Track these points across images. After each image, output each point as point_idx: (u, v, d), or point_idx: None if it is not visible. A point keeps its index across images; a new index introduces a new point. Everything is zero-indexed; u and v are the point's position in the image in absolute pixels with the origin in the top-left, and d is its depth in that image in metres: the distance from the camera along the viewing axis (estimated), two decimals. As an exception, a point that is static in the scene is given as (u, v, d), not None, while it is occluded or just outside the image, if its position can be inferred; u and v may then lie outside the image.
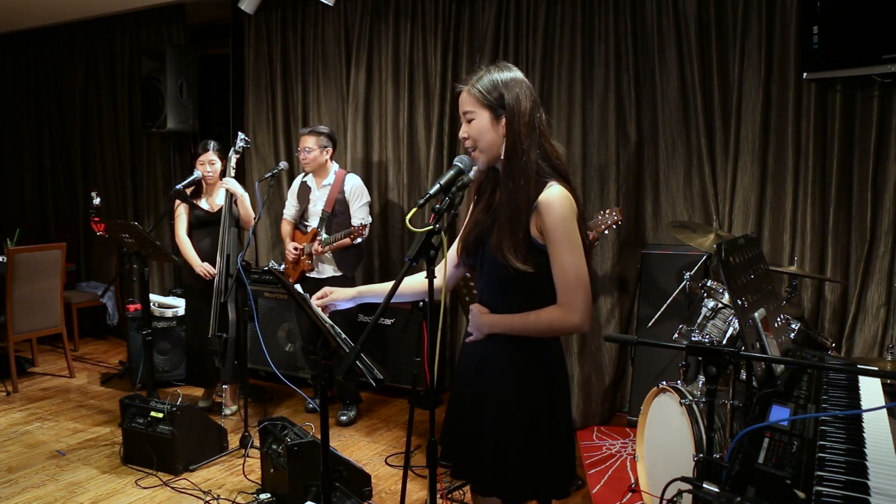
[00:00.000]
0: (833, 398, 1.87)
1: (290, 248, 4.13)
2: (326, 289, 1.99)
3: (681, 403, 2.65)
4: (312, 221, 4.10)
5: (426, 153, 4.54)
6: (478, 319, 1.85)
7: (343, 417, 4.09)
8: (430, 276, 1.67)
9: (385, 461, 3.57)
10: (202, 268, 3.99)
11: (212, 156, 4.02)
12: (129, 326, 4.66)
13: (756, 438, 1.55)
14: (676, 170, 3.91)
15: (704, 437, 2.27)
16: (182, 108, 5.29)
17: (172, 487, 3.23)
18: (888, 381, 2.51)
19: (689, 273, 3.38)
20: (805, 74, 3.38)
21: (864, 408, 1.79)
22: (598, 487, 3.24)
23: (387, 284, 1.97)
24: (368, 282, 4.60)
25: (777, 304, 2.25)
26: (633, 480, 3.26)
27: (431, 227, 1.64)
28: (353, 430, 4.01)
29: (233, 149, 3.94)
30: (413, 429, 2.72)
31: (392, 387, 4.41)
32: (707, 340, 2.86)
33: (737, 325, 2.78)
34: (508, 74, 1.79)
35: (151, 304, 4.59)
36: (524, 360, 1.81)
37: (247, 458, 3.48)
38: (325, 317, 1.90)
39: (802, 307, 3.58)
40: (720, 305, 2.95)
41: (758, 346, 1.86)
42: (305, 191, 4.16)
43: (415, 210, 1.68)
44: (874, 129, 3.32)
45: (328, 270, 4.05)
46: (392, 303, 1.68)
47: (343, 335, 1.89)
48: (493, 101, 1.75)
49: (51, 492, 3.21)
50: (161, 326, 4.63)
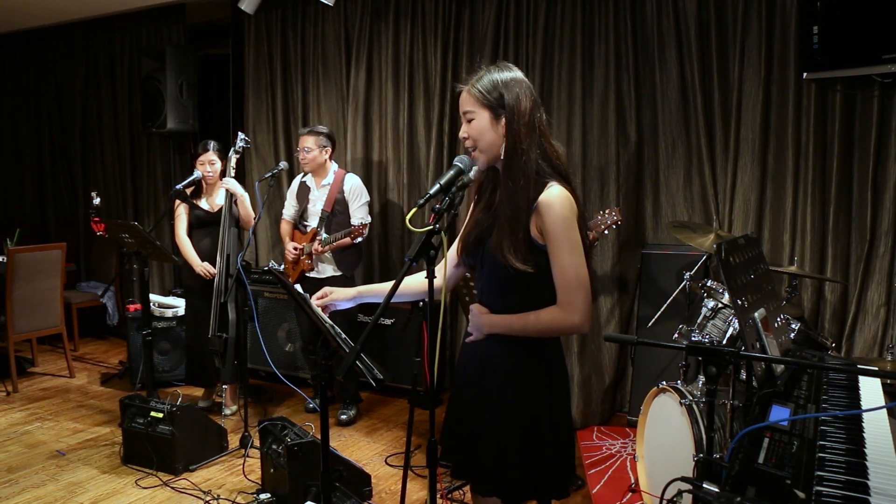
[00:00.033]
0: (833, 398, 1.87)
1: (290, 248, 4.13)
2: (326, 289, 1.99)
3: (681, 403, 2.65)
4: (312, 221, 4.10)
5: (426, 153, 4.54)
6: (477, 319, 1.85)
7: (343, 416, 4.09)
8: (430, 276, 1.67)
9: (385, 461, 3.57)
10: (202, 267, 3.99)
11: (212, 156, 4.02)
12: (129, 326, 4.67)
13: (756, 438, 1.55)
14: (676, 170, 3.91)
15: (704, 437, 2.27)
16: (182, 108, 5.29)
17: (172, 487, 3.23)
18: (888, 381, 2.51)
19: (689, 273, 3.38)
20: (805, 74, 3.38)
21: (864, 408, 1.79)
22: (598, 487, 3.24)
23: (387, 284, 1.97)
24: (368, 282, 4.60)
25: (777, 304, 2.25)
26: (633, 480, 3.26)
27: (431, 227, 1.64)
28: (353, 430, 4.01)
29: (233, 149, 3.94)
30: (413, 429, 2.72)
31: (392, 387, 4.41)
32: (707, 340, 2.86)
33: (737, 325, 2.78)
34: (508, 74, 1.79)
35: (151, 304, 4.59)
36: (524, 360, 1.81)
37: (247, 458, 3.48)
38: (325, 317, 1.90)
39: (802, 307, 3.58)
40: (720, 305, 2.95)
41: (758, 346, 1.86)
42: (304, 191, 4.16)
43: (415, 210, 1.68)
44: (874, 129, 3.32)
45: (328, 270, 4.05)
46: (392, 303, 1.68)
47: (343, 335, 1.89)
48: (493, 101, 1.75)
49: (51, 492, 3.21)
50: (161, 326, 4.63)
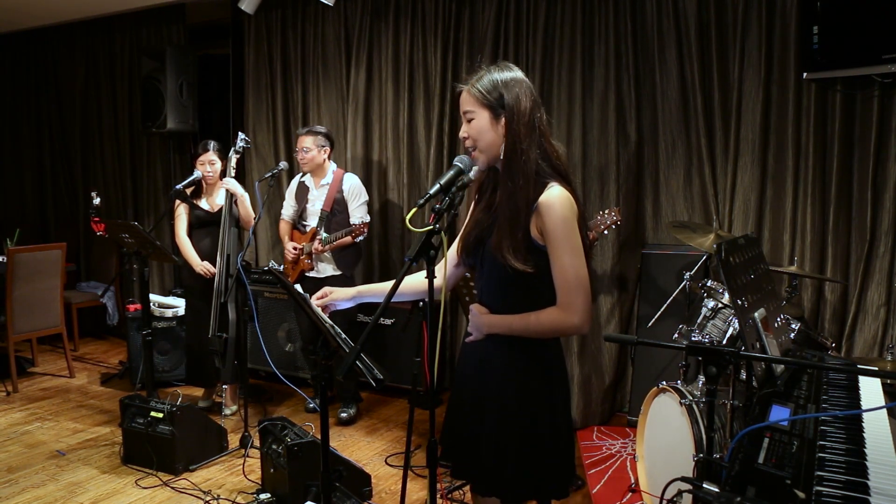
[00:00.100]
0: (833, 398, 1.87)
1: (290, 248, 4.13)
2: (326, 289, 1.99)
3: (681, 403, 2.65)
4: (311, 221, 4.11)
5: (426, 153, 4.54)
6: (477, 319, 1.85)
7: (343, 415, 4.09)
8: (430, 276, 1.67)
9: (385, 461, 3.57)
10: (202, 266, 3.99)
11: (212, 156, 4.02)
12: (129, 326, 4.66)
13: (756, 438, 1.55)
14: (676, 170, 3.91)
15: (704, 437, 2.27)
16: (182, 108, 5.29)
17: (172, 487, 3.23)
18: (888, 381, 2.51)
19: (689, 273, 3.38)
20: (805, 74, 3.38)
21: (864, 408, 1.79)
22: (598, 487, 3.24)
23: (387, 284, 1.97)
24: (368, 281, 4.59)
25: (777, 304, 2.25)
26: (633, 480, 3.26)
27: (431, 227, 1.64)
28: (353, 430, 4.01)
29: (233, 149, 3.94)
30: (413, 429, 2.72)
31: (392, 387, 4.41)
32: (707, 340, 2.86)
33: (737, 325, 2.78)
34: (509, 74, 1.78)
35: (151, 304, 4.59)
36: (524, 361, 1.81)
37: (247, 458, 3.48)
38: (325, 317, 1.90)
39: (802, 307, 3.58)
40: (720, 305, 2.95)
41: (758, 346, 1.86)
42: (303, 190, 4.16)
43: (415, 210, 1.68)
44: (874, 129, 3.32)
45: (327, 270, 4.05)
46: (392, 303, 1.68)
47: (343, 335, 1.89)
48: (493, 101, 1.75)
49: (51, 492, 3.21)
50: (161, 326, 4.63)
